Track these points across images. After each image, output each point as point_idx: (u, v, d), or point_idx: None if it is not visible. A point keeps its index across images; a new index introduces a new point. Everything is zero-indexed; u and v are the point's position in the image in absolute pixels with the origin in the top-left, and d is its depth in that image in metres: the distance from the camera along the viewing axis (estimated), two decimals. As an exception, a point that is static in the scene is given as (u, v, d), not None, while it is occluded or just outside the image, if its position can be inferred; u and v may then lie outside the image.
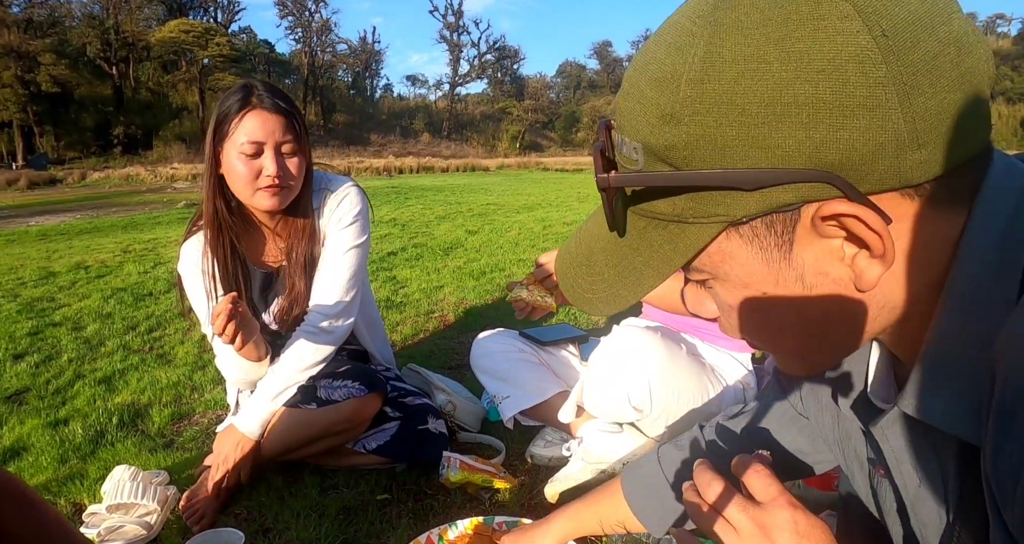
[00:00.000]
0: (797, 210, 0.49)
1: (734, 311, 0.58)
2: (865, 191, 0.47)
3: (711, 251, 0.54)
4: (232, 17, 62.25)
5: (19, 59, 41.45)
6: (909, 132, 0.44)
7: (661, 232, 0.55)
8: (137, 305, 3.97)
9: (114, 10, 49.69)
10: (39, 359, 2.94)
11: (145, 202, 15.82)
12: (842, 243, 0.50)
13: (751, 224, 0.51)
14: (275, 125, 1.60)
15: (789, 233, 0.50)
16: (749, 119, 0.46)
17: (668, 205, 0.53)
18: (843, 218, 0.47)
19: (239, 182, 1.62)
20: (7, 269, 5.53)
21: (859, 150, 0.45)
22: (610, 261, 0.59)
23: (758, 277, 0.54)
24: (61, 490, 1.73)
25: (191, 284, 1.74)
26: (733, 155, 0.47)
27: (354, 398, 1.69)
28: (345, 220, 1.78)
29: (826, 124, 0.44)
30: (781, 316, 0.56)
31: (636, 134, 0.52)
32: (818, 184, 0.47)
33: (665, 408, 1.60)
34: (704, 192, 0.50)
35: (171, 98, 54.75)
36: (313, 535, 1.48)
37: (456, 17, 67.74)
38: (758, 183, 0.47)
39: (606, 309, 0.60)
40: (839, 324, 0.55)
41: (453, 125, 67.27)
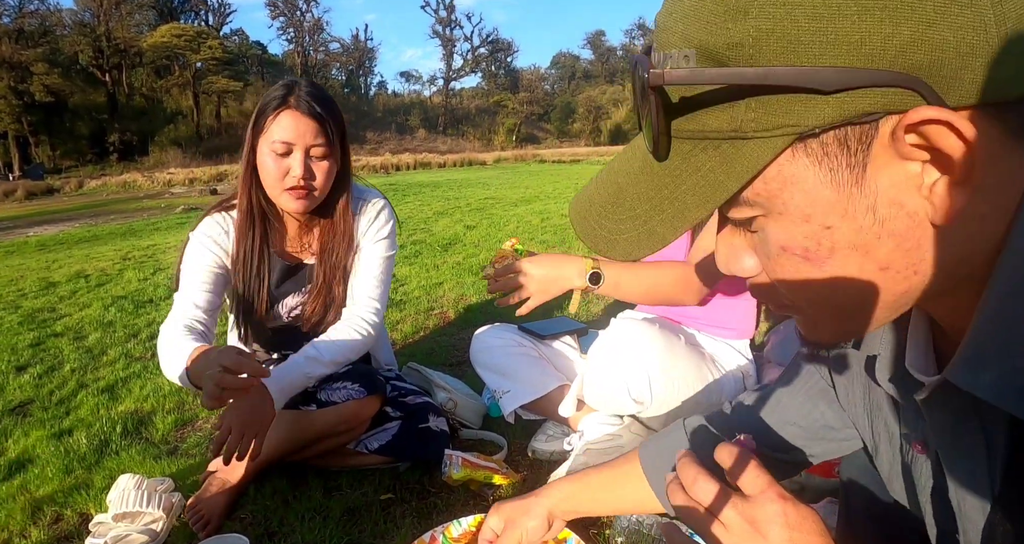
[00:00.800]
0: (875, 123, 0.43)
1: (785, 255, 0.51)
2: (952, 104, 0.42)
3: (769, 175, 0.47)
4: (223, 20, 62.14)
5: (11, 70, 41.43)
6: (999, 37, 0.40)
7: (712, 153, 0.48)
8: (138, 312, 3.97)
9: (105, 17, 49.63)
10: (42, 370, 2.95)
11: (143, 208, 15.83)
12: (922, 168, 0.44)
13: (822, 139, 0.45)
14: (307, 128, 1.63)
15: (864, 151, 0.44)
16: (828, 10, 0.40)
17: (725, 117, 0.46)
18: (932, 126, 0.42)
19: (267, 178, 1.67)
20: (7, 281, 5.54)
21: (950, 52, 0.40)
22: (644, 194, 0.52)
23: (822, 206, 0.47)
24: (67, 501, 1.74)
25: (196, 255, 1.74)
26: (809, 52, 0.41)
27: (354, 400, 1.70)
28: (382, 233, 1.86)
29: (916, 18, 0.39)
30: (844, 257, 0.48)
31: (688, 40, 0.46)
32: (902, 91, 0.41)
33: (665, 399, 1.60)
34: (772, 97, 0.44)
35: (165, 103, 54.77)
36: (318, 537, 1.49)
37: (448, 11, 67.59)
38: (839, 84, 0.41)
39: (637, 250, 0.52)
40: (906, 270, 0.49)
41: (449, 120, 67.22)
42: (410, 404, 1.83)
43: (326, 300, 1.82)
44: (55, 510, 1.71)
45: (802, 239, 0.49)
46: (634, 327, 1.61)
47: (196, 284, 1.70)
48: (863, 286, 0.50)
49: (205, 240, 1.74)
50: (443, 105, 68.89)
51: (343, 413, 1.70)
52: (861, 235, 0.47)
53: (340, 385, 1.73)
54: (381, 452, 1.75)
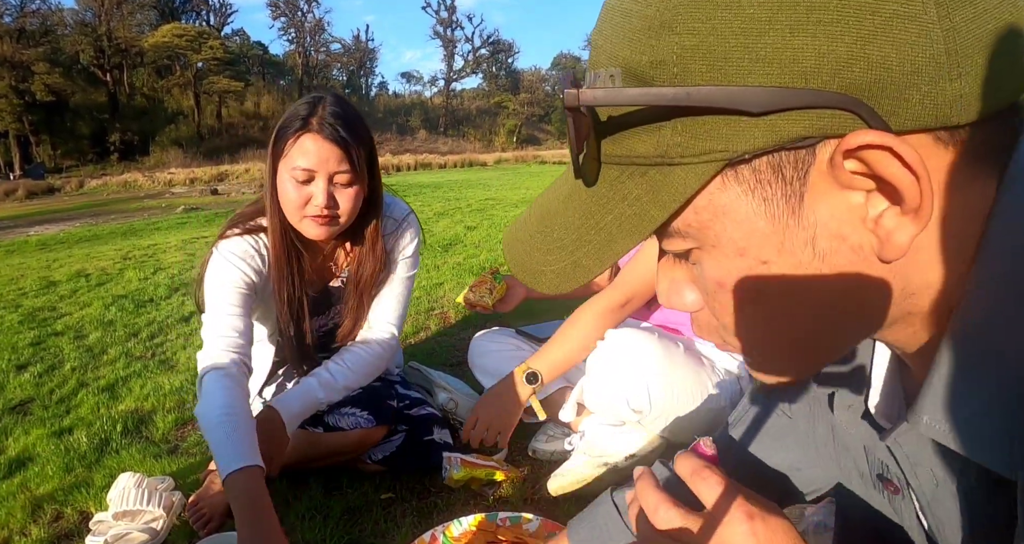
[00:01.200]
0: (812, 148, 0.39)
1: (722, 291, 0.47)
2: (896, 127, 0.38)
3: (700, 205, 0.43)
4: (224, 20, 62.18)
5: (13, 69, 41.47)
6: (948, 53, 0.36)
7: (639, 180, 0.44)
8: (138, 312, 3.97)
9: (106, 16, 49.67)
10: (42, 369, 2.95)
11: (144, 208, 15.84)
12: (866, 198, 0.40)
13: (754, 165, 0.40)
14: (330, 154, 1.50)
15: (801, 179, 0.40)
16: (758, 25, 0.37)
17: (651, 141, 0.42)
18: (872, 153, 0.37)
19: (288, 206, 1.56)
20: (8, 280, 5.54)
21: (893, 70, 0.36)
22: (571, 223, 0.48)
23: (758, 239, 0.43)
24: (67, 499, 1.74)
25: (228, 276, 1.60)
26: (737, 71, 0.37)
27: (361, 428, 1.70)
28: (407, 251, 1.80)
29: (854, 34, 0.36)
30: (782, 296, 0.44)
31: (614, 58, 0.42)
32: (840, 113, 0.37)
33: (664, 409, 1.60)
34: (698, 118, 0.40)
35: (166, 103, 54.80)
36: (318, 536, 1.49)
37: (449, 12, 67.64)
38: (767, 105, 0.37)
39: (563, 283, 0.48)
40: (850, 307, 0.45)
41: (449, 121, 67.23)
42: (415, 416, 1.82)
43: (356, 323, 1.79)
44: (55, 508, 1.71)
45: (737, 275, 0.45)
46: (632, 336, 1.61)
47: (230, 309, 1.58)
48: (806, 325, 0.46)
49: (237, 261, 1.61)
50: (444, 106, 68.89)
51: (349, 440, 1.69)
52: (800, 271, 0.43)
53: (349, 411, 1.70)
54: (384, 463, 1.75)
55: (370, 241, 1.71)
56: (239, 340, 1.55)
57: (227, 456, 1.31)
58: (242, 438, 1.36)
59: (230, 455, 1.31)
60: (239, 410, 1.42)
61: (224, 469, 1.30)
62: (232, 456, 1.31)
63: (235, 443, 1.34)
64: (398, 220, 1.78)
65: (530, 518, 1.44)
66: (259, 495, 1.28)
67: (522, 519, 1.44)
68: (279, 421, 1.55)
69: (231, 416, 1.39)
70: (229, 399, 1.43)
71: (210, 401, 1.42)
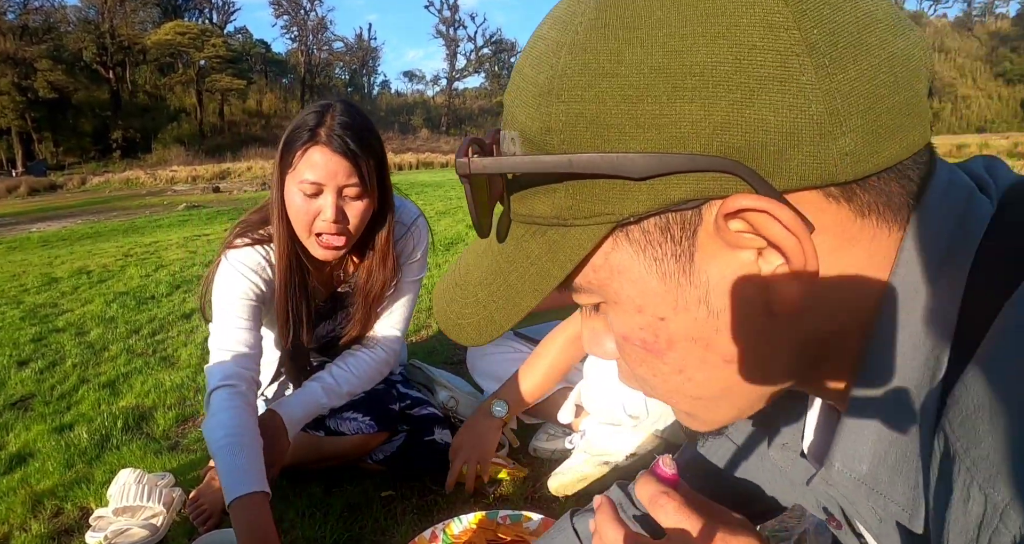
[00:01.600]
0: (698, 209, 0.40)
1: (628, 344, 0.48)
2: (781, 187, 0.38)
3: (597, 264, 0.44)
4: (227, 18, 62.23)
5: (15, 66, 41.54)
6: (829, 113, 0.37)
7: (540, 240, 0.45)
8: (139, 309, 3.98)
9: (109, 14, 49.74)
10: (43, 365, 2.96)
11: (145, 205, 15.85)
12: (756, 255, 0.41)
13: (642, 226, 0.41)
14: (339, 167, 1.46)
15: (690, 240, 0.41)
16: (636, 92, 0.38)
17: (546, 203, 0.43)
18: (751, 215, 0.38)
19: (296, 220, 1.52)
20: (10, 276, 5.55)
21: (770, 132, 0.37)
22: (485, 280, 0.49)
23: (653, 298, 0.43)
24: (68, 495, 1.74)
25: (236, 287, 1.57)
26: (619, 137, 0.39)
27: (362, 434, 1.69)
28: (416, 255, 1.77)
29: (729, 98, 0.36)
30: (684, 350, 0.45)
31: (515, 122, 0.44)
32: (721, 175, 0.38)
33: (661, 414, 1.60)
34: (584, 183, 0.41)
35: (169, 101, 54.89)
36: (319, 533, 1.49)
37: (452, 11, 67.66)
38: (646, 170, 0.38)
39: (479, 337, 0.50)
40: (751, 362, 0.45)
41: (452, 120, 67.26)
42: (415, 416, 1.82)
43: (362, 331, 1.77)
44: (56, 504, 1.71)
45: (638, 330, 0.46)
46: None
47: (239, 322, 1.56)
48: (712, 378, 0.46)
49: (247, 272, 1.58)
50: (446, 105, 68.94)
51: (350, 444, 1.69)
52: (697, 327, 0.44)
53: (351, 416, 1.70)
54: (385, 463, 1.75)
55: (381, 253, 1.67)
56: (248, 353, 1.54)
57: (233, 481, 1.31)
58: (248, 462, 1.35)
59: (236, 481, 1.30)
60: (246, 432, 1.40)
61: (229, 494, 1.29)
62: (238, 482, 1.30)
63: (241, 468, 1.33)
64: (407, 224, 1.74)
65: (530, 517, 1.44)
66: (264, 522, 1.28)
67: (523, 517, 1.44)
68: (281, 425, 1.54)
69: (238, 438, 1.38)
70: (236, 419, 1.42)
71: (217, 421, 1.41)
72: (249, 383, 1.51)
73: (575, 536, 0.90)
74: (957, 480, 0.37)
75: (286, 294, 1.60)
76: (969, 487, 0.36)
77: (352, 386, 1.67)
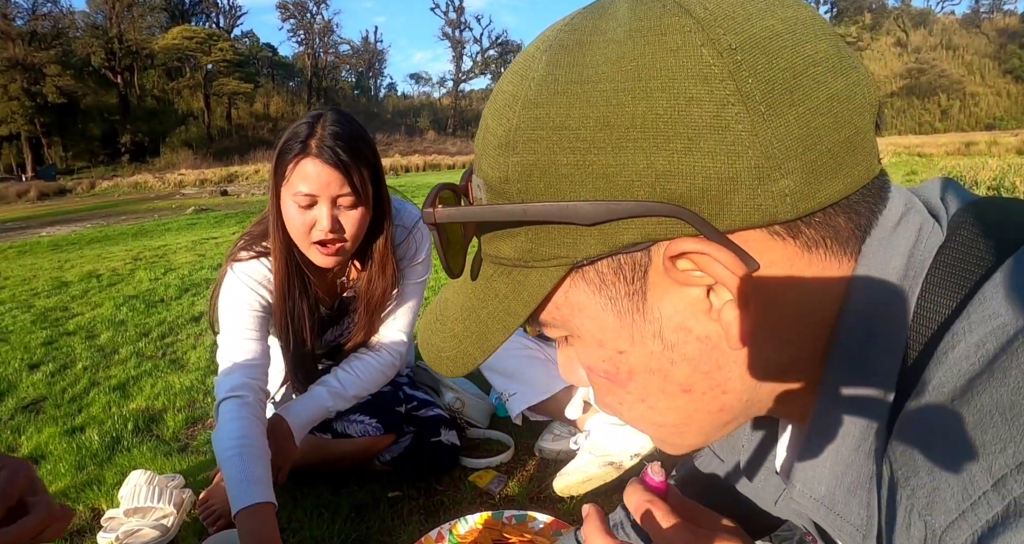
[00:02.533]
0: (647, 251, 0.42)
1: (593, 375, 0.51)
2: (725, 228, 0.40)
3: (558, 302, 0.47)
4: (234, 22, 62.46)
5: (25, 71, 41.81)
6: (766, 157, 0.38)
7: (505, 279, 0.48)
8: (149, 312, 4.01)
9: (117, 19, 50.05)
10: (54, 368, 2.99)
11: (154, 209, 15.92)
12: (704, 293, 0.43)
13: (597, 268, 0.44)
14: (331, 178, 1.47)
15: (641, 279, 0.43)
16: (584, 144, 0.40)
17: (510, 245, 0.46)
18: (694, 256, 0.40)
19: (293, 231, 1.54)
20: (21, 280, 5.59)
21: (710, 178, 0.39)
22: (459, 315, 0.52)
23: (611, 332, 0.46)
24: (79, 496, 1.77)
25: (242, 298, 1.61)
26: (570, 186, 0.41)
27: (369, 436, 1.71)
28: (418, 257, 1.78)
29: (668, 148, 0.39)
30: (644, 381, 0.48)
31: (480, 170, 0.47)
32: (667, 219, 0.40)
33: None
34: (541, 228, 0.44)
35: (176, 104, 55.14)
36: (326, 533, 1.51)
37: (458, 13, 67.73)
38: (595, 217, 0.41)
39: (456, 369, 0.53)
40: (710, 393, 0.47)
41: (458, 122, 67.32)
42: (422, 417, 1.83)
43: (367, 334, 1.78)
44: (67, 505, 1.73)
45: (600, 362, 0.48)
46: None
47: (246, 333, 1.59)
48: (672, 407, 0.49)
49: (253, 284, 1.61)
50: (452, 107, 69.02)
51: (357, 446, 1.71)
52: (654, 360, 0.46)
53: (358, 418, 1.72)
54: (392, 464, 1.76)
55: (380, 261, 1.68)
56: (255, 364, 1.56)
57: (239, 492, 1.32)
58: (254, 473, 1.36)
59: (242, 492, 1.32)
60: (253, 442, 1.42)
61: (236, 504, 1.31)
62: (243, 493, 1.32)
63: (247, 478, 1.35)
64: (408, 228, 1.75)
65: (536, 517, 1.45)
66: (269, 533, 1.30)
67: (528, 517, 1.45)
68: (287, 430, 1.56)
69: (245, 448, 1.40)
70: (243, 430, 1.43)
71: (225, 432, 1.43)
72: (256, 393, 1.53)
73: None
74: (900, 506, 0.39)
75: (284, 304, 1.62)
76: (910, 513, 0.38)
77: (358, 390, 1.69)
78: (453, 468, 1.77)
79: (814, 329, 0.45)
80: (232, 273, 1.61)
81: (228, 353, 1.56)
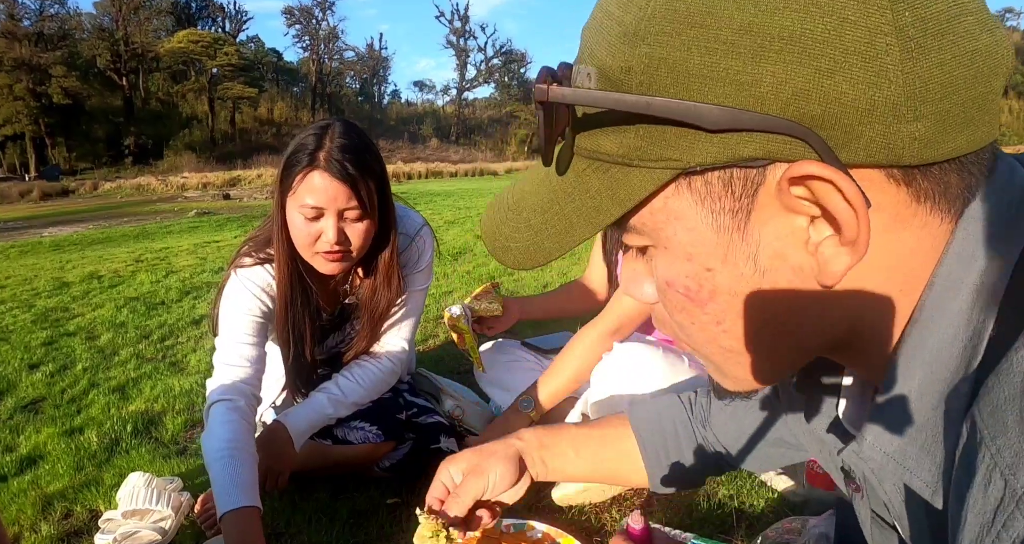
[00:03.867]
0: (763, 169, 0.41)
1: (670, 290, 0.49)
2: (847, 161, 0.39)
3: (655, 207, 0.45)
4: (240, 26, 62.73)
5: (31, 72, 41.96)
6: (907, 96, 0.38)
7: (601, 176, 0.46)
8: (150, 314, 4.01)
9: (123, 22, 50.26)
10: (54, 369, 2.99)
11: (156, 211, 15.95)
12: (808, 224, 0.42)
13: (706, 177, 0.43)
14: (338, 191, 1.47)
15: (749, 197, 0.42)
16: (722, 46, 0.38)
17: (615, 141, 0.44)
18: (815, 183, 0.39)
19: (299, 241, 1.54)
20: (22, 280, 5.60)
21: (847, 105, 0.38)
22: (539, 206, 0.50)
23: (704, 247, 0.45)
24: (77, 497, 1.76)
25: (242, 304, 1.61)
26: (697, 87, 0.40)
27: (369, 443, 1.71)
28: (420, 264, 1.79)
29: (813, 66, 0.37)
30: (725, 303, 0.47)
31: (592, 57, 0.44)
32: (792, 140, 0.39)
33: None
34: (657, 127, 0.42)
35: (181, 108, 55.27)
36: (324, 538, 1.51)
37: (462, 22, 67.96)
38: (721, 123, 0.39)
39: (526, 261, 0.51)
40: (789, 325, 0.47)
41: (461, 130, 67.45)
42: (422, 424, 1.83)
43: (369, 343, 1.79)
44: (65, 506, 1.73)
45: (684, 278, 0.47)
46: (638, 351, 1.63)
47: (244, 337, 1.59)
48: (747, 334, 0.48)
49: (255, 289, 1.61)
50: (456, 115, 69.15)
51: (357, 453, 1.71)
52: (742, 283, 0.45)
53: (358, 425, 1.72)
54: (392, 471, 1.76)
55: (385, 272, 1.68)
56: (249, 370, 1.56)
57: (225, 495, 1.33)
58: (241, 477, 1.37)
59: (228, 495, 1.33)
60: (240, 446, 1.42)
61: (221, 507, 1.32)
62: (230, 496, 1.33)
63: (233, 482, 1.35)
64: (410, 236, 1.76)
65: (534, 526, 1.45)
66: (254, 536, 1.30)
67: (526, 526, 1.45)
68: (287, 436, 1.57)
69: (232, 452, 1.40)
70: (232, 434, 1.44)
71: (214, 435, 1.44)
72: (248, 399, 1.53)
73: None
74: (980, 465, 0.38)
75: (286, 311, 1.62)
76: (991, 472, 0.37)
77: (358, 397, 1.69)
78: (452, 476, 1.76)
79: (904, 282, 0.45)
80: (235, 278, 1.62)
81: (224, 357, 1.57)
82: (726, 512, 1.53)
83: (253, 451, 1.44)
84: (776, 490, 1.60)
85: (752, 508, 1.56)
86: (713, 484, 1.66)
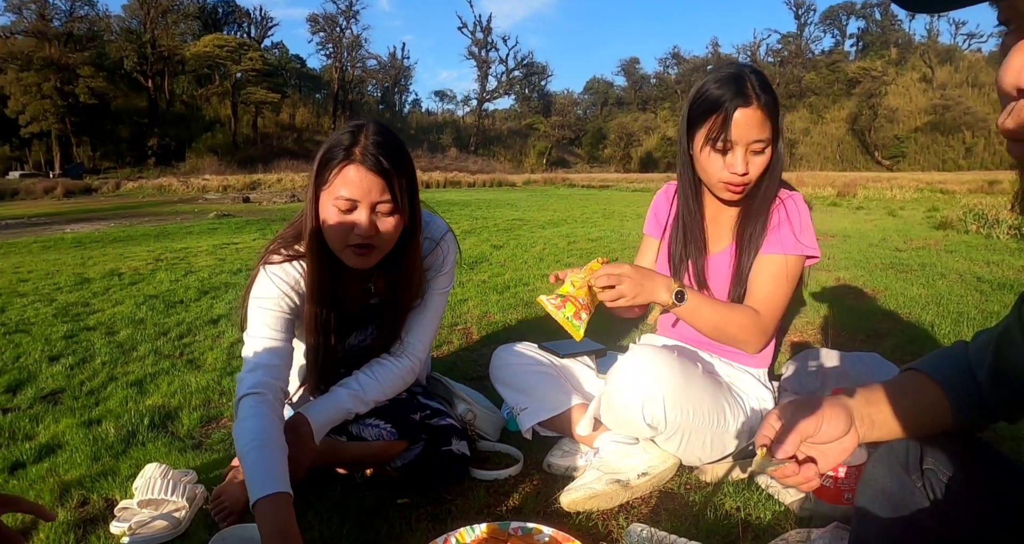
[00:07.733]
0: None
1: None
2: None
3: None
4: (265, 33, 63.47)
5: (59, 71, 42.60)
6: None
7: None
8: (168, 312, 4.06)
9: (151, 25, 50.99)
10: (74, 361, 3.03)
11: (177, 212, 16.11)
12: None
13: None
14: (372, 184, 1.52)
15: None
16: None
17: None
18: None
19: (331, 234, 1.58)
20: (44, 275, 5.68)
21: None
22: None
23: None
24: (94, 486, 1.80)
25: (272, 299, 1.64)
26: None
27: (383, 440, 1.74)
28: (443, 268, 1.82)
29: None
30: None
31: None
32: None
33: (679, 426, 1.62)
34: None
35: (204, 111, 55.89)
36: (335, 535, 1.53)
37: (485, 34, 68.38)
38: None
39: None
40: None
41: (480, 140, 67.73)
42: (435, 426, 1.85)
43: (390, 340, 1.82)
44: (82, 494, 1.76)
45: None
46: (652, 353, 1.63)
47: (271, 333, 1.62)
48: None
49: (283, 285, 1.65)
50: (475, 125, 69.51)
51: (371, 450, 1.73)
52: None
53: (373, 422, 1.74)
54: (403, 471, 1.78)
55: (408, 273, 1.73)
56: (278, 364, 1.60)
57: (257, 482, 1.35)
58: (273, 464, 1.40)
59: (261, 481, 1.35)
60: (271, 437, 1.45)
61: (254, 494, 1.34)
62: (262, 482, 1.35)
63: (266, 469, 1.38)
64: (435, 240, 1.81)
65: (542, 529, 1.46)
66: (287, 522, 1.32)
67: (534, 530, 1.46)
68: (308, 429, 1.59)
69: (264, 442, 1.43)
70: (263, 425, 1.47)
71: (245, 426, 1.47)
72: (276, 392, 1.56)
73: None
74: None
75: (315, 306, 1.66)
76: None
77: (378, 394, 1.72)
78: (463, 478, 1.79)
79: None
80: (264, 274, 1.66)
81: (252, 351, 1.60)
82: (732, 523, 1.54)
83: (283, 443, 1.47)
84: (783, 503, 1.61)
85: (759, 520, 1.56)
86: (720, 495, 1.67)
